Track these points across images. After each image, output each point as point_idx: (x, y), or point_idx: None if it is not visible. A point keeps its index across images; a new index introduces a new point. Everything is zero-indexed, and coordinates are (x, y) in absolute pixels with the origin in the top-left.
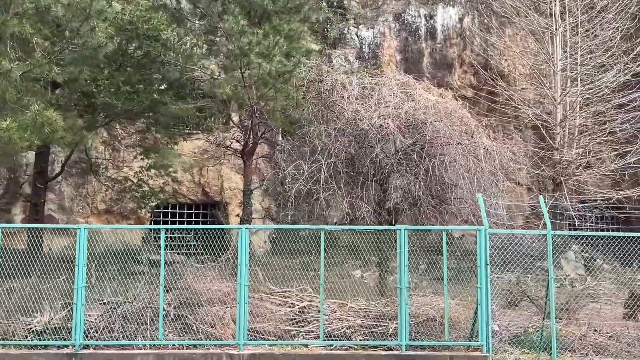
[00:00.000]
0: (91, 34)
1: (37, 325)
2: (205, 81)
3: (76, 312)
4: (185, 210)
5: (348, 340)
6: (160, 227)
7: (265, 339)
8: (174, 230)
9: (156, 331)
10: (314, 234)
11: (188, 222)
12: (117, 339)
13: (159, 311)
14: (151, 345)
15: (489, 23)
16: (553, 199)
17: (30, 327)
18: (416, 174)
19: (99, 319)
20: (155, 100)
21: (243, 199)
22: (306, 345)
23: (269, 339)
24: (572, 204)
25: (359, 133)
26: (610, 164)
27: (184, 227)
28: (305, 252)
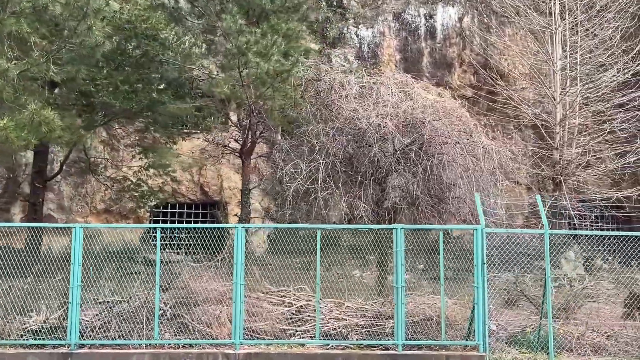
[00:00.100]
0: (88, 33)
1: (33, 325)
2: (204, 80)
3: (71, 312)
4: (184, 210)
5: (345, 339)
6: (155, 226)
7: (262, 339)
8: (173, 230)
9: (152, 330)
10: (313, 234)
11: (187, 222)
12: (113, 339)
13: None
14: (147, 345)
15: (488, 22)
16: (553, 199)
17: (27, 327)
18: (414, 174)
19: (95, 318)
20: (153, 100)
21: (241, 198)
22: (302, 345)
23: (265, 339)
24: (572, 203)
25: (357, 132)
26: (610, 163)
27: (179, 227)
28: (305, 252)
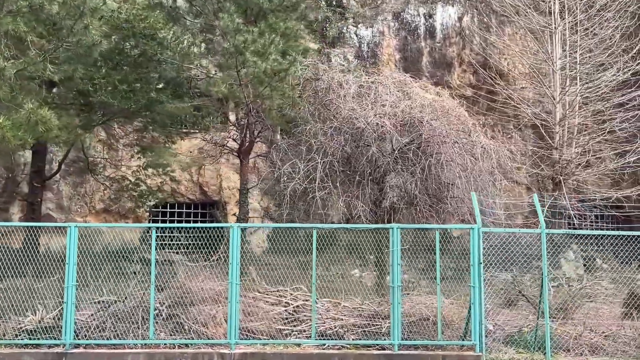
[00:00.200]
0: (85, 32)
1: (29, 325)
2: (202, 80)
3: (66, 311)
4: (183, 210)
5: (341, 339)
6: (150, 226)
7: (258, 338)
8: (172, 230)
9: (148, 330)
10: (311, 233)
11: (187, 222)
12: (109, 338)
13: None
14: (142, 345)
15: (488, 22)
16: (552, 199)
17: (22, 327)
18: (413, 173)
19: (91, 318)
20: (152, 99)
21: (239, 198)
22: (298, 345)
23: (261, 338)
24: (571, 203)
25: (356, 132)
26: (609, 163)
27: (174, 226)
28: (303, 251)
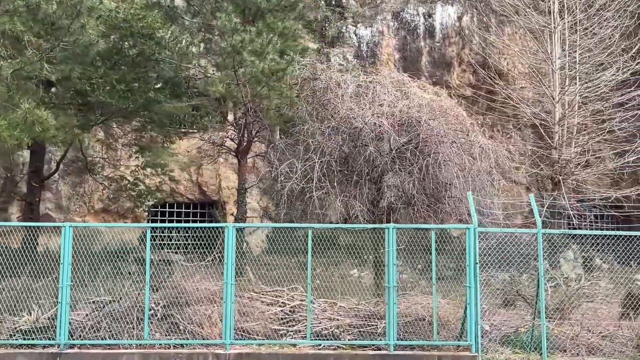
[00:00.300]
0: (82, 31)
1: (24, 325)
2: (200, 79)
3: (61, 312)
4: (183, 210)
5: (337, 339)
6: (145, 226)
7: (254, 339)
8: (171, 230)
9: (143, 331)
10: (311, 233)
11: (186, 221)
12: (104, 338)
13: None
14: (137, 345)
15: (487, 22)
16: (552, 198)
17: (17, 327)
18: (410, 173)
19: (86, 318)
20: (150, 99)
21: (237, 197)
22: (294, 345)
23: (257, 339)
24: (570, 203)
25: (353, 131)
26: (609, 162)
27: (170, 226)
28: (303, 251)
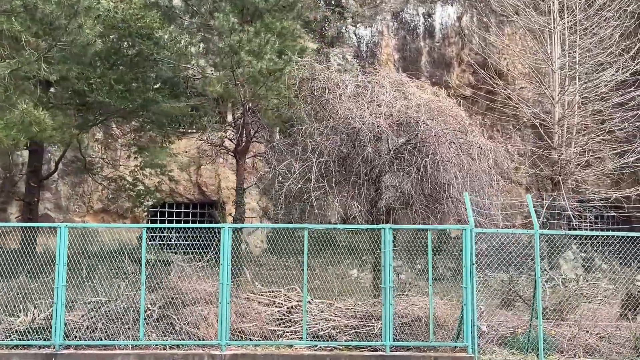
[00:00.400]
0: (79, 31)
1: (20, 325)
2: (199, 79)
3: (56, 312)
4: (182, 210)
5: (333, 340)
6: (141, 226)
7: (250, 340)
8: (170, 230)
9: (139, 331)
10: (310, 233)
11: (185, 222)
12: (100, 339)
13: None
14: (133, 346)
15: (487, 22)
16: (551, 199)
17: (13, 327)
18: (409, 173)
19: (82, 318)
20: (148, 99)
21: (236, 198)
22: (290, 346)
23: (253, 340)
24: (570, 203)
25: (352, 132)
26: (609, 163)
27: (166, 226)
28: (301, 252)
